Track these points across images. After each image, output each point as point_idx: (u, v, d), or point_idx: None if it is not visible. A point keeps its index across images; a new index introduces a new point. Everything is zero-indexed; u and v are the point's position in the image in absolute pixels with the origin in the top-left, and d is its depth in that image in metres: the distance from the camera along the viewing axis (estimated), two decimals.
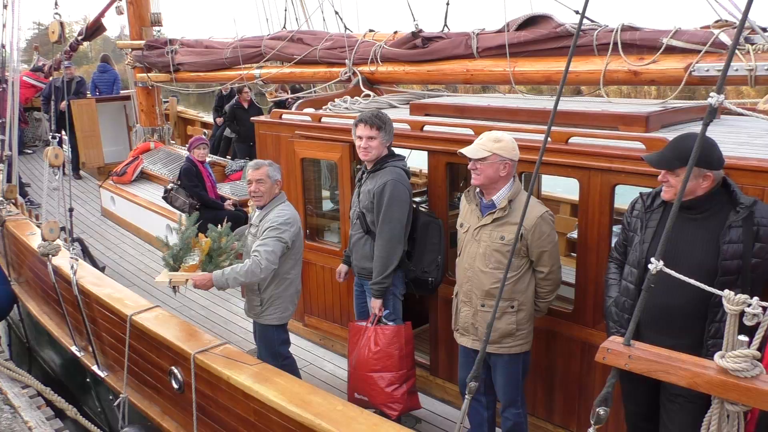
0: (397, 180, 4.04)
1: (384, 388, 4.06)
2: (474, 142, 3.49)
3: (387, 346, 4.07)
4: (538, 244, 3.42)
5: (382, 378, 4.06)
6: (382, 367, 4.06)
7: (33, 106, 12.88)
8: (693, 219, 2.81)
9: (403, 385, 4.11)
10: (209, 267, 4.17)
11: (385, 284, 4.08)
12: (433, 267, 4.20)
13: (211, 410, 3.98)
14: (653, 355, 1.92)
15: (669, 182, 2.83)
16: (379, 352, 4.07)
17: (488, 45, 5.11)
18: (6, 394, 4.98)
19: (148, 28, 9.49)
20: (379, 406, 4.09)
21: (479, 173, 3.43)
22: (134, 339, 4.56)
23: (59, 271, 5.42)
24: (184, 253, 4.17)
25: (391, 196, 4.00)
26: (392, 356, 4.07)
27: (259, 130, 5.73)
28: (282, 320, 4.30)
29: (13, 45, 7.96)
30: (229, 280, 4.01)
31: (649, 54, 4.19)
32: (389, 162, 4.12)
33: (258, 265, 3.96)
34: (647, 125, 3.74)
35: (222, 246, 4.24)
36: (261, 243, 4.03)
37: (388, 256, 4.04)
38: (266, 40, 7.34)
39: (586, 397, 3.83)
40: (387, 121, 4.13)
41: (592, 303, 3.71)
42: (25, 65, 14.14)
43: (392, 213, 4.01)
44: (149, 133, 10.09)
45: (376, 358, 4.07)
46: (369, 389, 4.12)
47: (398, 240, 4.05)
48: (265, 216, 4.17)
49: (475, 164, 3.42)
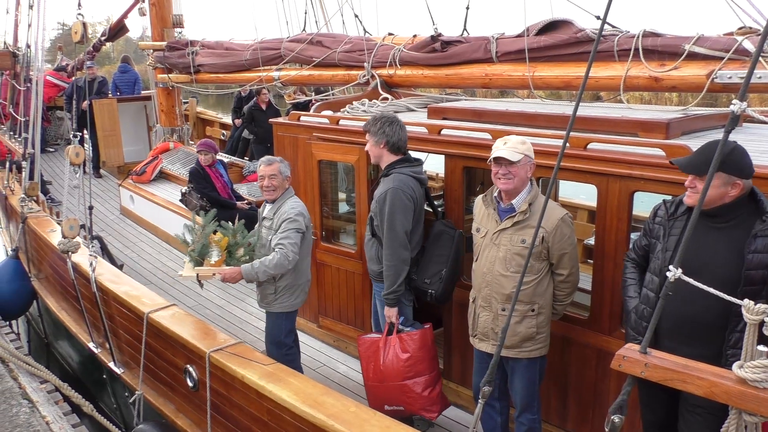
0: (397, 188, 4.03)
1: (421, 393, 4.06)
2: (497, 147, 3.43)
3: (417, 351, 4.08)
4: (559, 246, 3.41)
5: (416, 383, 4.07)
6: (416, 373, 4.07)
7: (56, 105, 13.07)
8: (717, 228, 2.77)
9: (436, 386, 4.15)
10: (232, 262, 4.31)
11: (399, 292, 4.10)
12: (436, 279, 4.09)
13: (225, 409, 4.00)
14: (670, 364, 1.90)
15: (696, 188, 2.77)
16: (411, 358, 4.07)
17: (507, 49, 5.10)
18: (25, 388, 5.04)
19: (170, 29, 9.60)
20: (418, 411, 4.09)
21: (512, 176, 3.38)
22: (150, 336, 4.60)
23: (78, 268, 5.49)
24: (206, 249, 4.29)
25: (391, 204, 4.01)
26: (423, 360, 4.09)
27: (277, 131, 5.77)
28: (293, 307, 4.44)
29: (38, 45, 8.09)
30: (259, 273, 4.19)
31: (671, 60, 4.16)
32: (396, 168, 4.13)
33: (286, 257, 4.16)
34: (667, 132, 3.71)
35: (238, 241, 4.35)
36: (283, 236, 4.20)
37: (397, 264, 4.05)
38: (286, 42, 7.39)
39: (601, 404, 3.80)
40: (376, 122, 4.14)
41: (608, 310, 3.68)
42: (49, 65, 14.37)
43: (393, 221, 4.02)
44: (169, 134, 10.20)
45: (408, 365, 4.07)
46: (404, 398, 4.10)
47: (403, 246, 4.06)
48: (279, 209, 4.34)
49: (509, 168, 3.37)
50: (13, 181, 8.62)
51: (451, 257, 4.11)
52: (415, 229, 4.17)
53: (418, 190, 4.17)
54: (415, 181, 4.15)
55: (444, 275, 4.08)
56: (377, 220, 4.16)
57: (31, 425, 4.51)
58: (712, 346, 2.74)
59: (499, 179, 3.43)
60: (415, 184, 4.14)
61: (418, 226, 4.23)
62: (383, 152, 4.16)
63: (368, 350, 4.22)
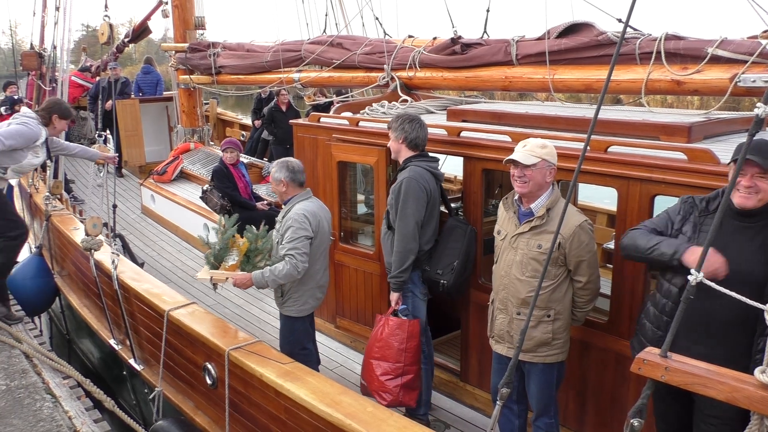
0: (411, 177, 4.17)
1: (378, 375, 4.18)
2: (516, 149, 3.44)
3: (389, 337, 4.21)
4: (576, 253, 3.38)
5: (379, 366, 4.20)
6: (381, 356, 4.20)
7: (79, 105, 13.27)
8: (746, 227, 2.72)
9: (398, 378, 4.19)
10: (247, 267, 4.34)
11: (402, 278, 4.21)
12: (448, 270, 4.22)
13: (243, 407, 4.04)
14: (691, 368, 1.88)
15: (756, 186, 2.66)
16: (382, 341, 4.23)
17: (528, 52, 5.09)
18: (48, 383, 5.13)
19: (192, 31, 9.71)
20: (372, 392, 4.20)
21: (528, 180, 3.38)
22: (170, 334, 4.66)
23: (100, 266, 5.58)
24: (224, 252, 4.33)
25: (405, 193, 4.15)
26: (391, 347, 4.19)
27: (297, 132, 5.81)
28: (300, 313, 4.46)
29: (64, 46, 8.24)
30: (269, 282, 4.26)
31: (693, 63, 4.12)
32: (412, 161, 4.27)
33: (295, 267, 4.21)
34: (689, 136, 3.68)
35: (258, 247, 4.37)
36: (292, 246, 4.21)
37: (403, 251, 4.17)
38: (306, 44, 7.44)
39: (620, 409, 3.78)
40: (398, 119, 4.32)
41: (628, 314, 3.65)
42: (73, 65, 14.59)
43: (406, 209, 4.15)
44: (189, 134, 10.32)
45: (378, 346, 4.24)
46: (367, 375, 4.27)
47: (412, 236, 4.16)
48: (287, 213, 4.40)
49: (524, 171, 3.37)
50: (38, 179, 8.77)
51: (462, 250, 4.22)
52: (428, 222, 4.25)
53: (433, 183, 4.28)
54: (430, 174, 4.26)
55: (456, 267, 4.20)
56: (392, 211, 4.28)
57: (54, 420, 4.59)
58: (729, 347, 2.70)
59: (516, 182, 3.43)
60: (431, 178, 4.25)
61: (432, 220, 4.29)
62: (401, 147, 4.32)
63: (374, 326, 4.41)
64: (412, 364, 4.22)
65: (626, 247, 3.05)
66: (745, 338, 2.68)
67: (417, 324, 4.27)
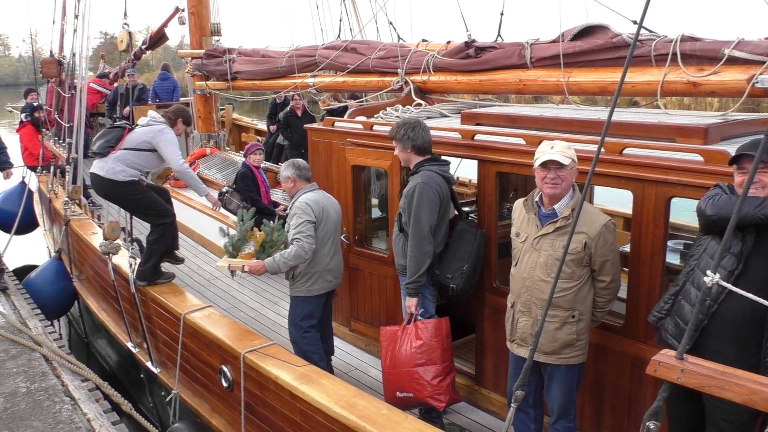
0: (424, 183, 4.21)
1: (430, 380, 4.15)
2: (543, 152, 3.40)
3: (430, 339, 4.19)
4: (602, 252, 3.38)
5: (427, 371, 4.16)
6: (427, 360, 4.17)
7: (98, 112, 13.45)
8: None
9: (447, 377, 4.20)
10: (262, 256, 4.64)
11: (420, 283, 4.24)
12: (458, 275, 4.23)
13: (259, 409, 4.07)
14: (707, 370, 1.87)
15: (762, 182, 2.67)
16: (423, 345, 4.18)
17: (542, 55, 5.07)
18: (67, 386, 5.19)
19: (208, 37, 9.81)
20: (426, 399, 4.16)
21: (560, 181, 3.37)
22: (187, 337, 4.71)
23: (118, 270, 5.65)
24: (241, 242, 4.63)
25: (419, 197, 4.19)
26: (435, 349, 4.18)
27: (311, 137, 5.84)
28: (309, 293, 4.72)
29: (82, 53, 8.36)
30: (281, 265, 4.56)
31: (710, 65, 4.09)
32: (424, 166, 4.31)
33: (302, 248, 4.53)
34: (706, 137, 3.64)
35: (274, 239, 4.68)
36: (297, 230, 4.56)
37: (419, 255, 4.20)
38: (321, 49, 7.49)
39: (636, 412, 3.74)
40: (399, 128, 4.36)
41: (644, 318, 3.62)
42: (92, 72, 14.80)
43: (420, 214, 4.18)
44: (205, 139, 10.41)
45: (420, 351, 4.19)
46: (414, 384, 4.19)
47: (427, 240, 4.19)
48: (293, 205, 4.76)
49: (557, 173, 3.36)
50: (57, 184, 8.90)
51: (472, 254, 4.24)
52: (440, 225, 4.28)
53: (445, 187, 4.31)
54: (441, 178, 4.29)
55: (465, 271, 4.21)
56: (405, 215, 4.31)
57: (73, 422, 4.65)
58: (742, 347, 2.69)
59: (547, 183, 3.40)
60: (442, 182, 4.29)
61: (443, 223, 4.31)
62: (411, 155, 4.37)
63: (388, 339, 4.36)
64: (452, 360, 4.30)
65: (719, 212, 2.79)
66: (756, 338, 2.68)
67: (449, 321, 4.33)
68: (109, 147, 5.45)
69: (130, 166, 5.43)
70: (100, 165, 5.45)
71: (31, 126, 11.40)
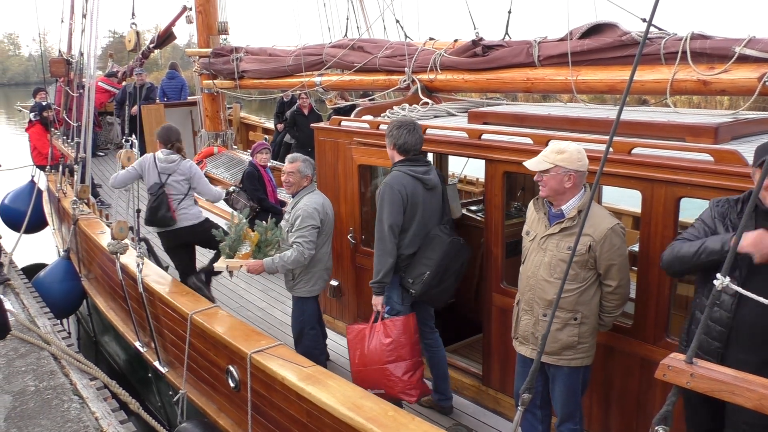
0: (387, 183, 4.21)
1: (401, 376, 4.16)
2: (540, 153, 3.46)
3: (399, 336, 4.20)
4: (607, 256, 3.33)
5: (398, 367, 4.17)
6: (397, 357, 4.18)
7: (106, 111, 13.51)
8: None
9: (416, 372, 4.21)
10: (258, 256, 4.76)
11: (384, 282, 4.24)
12: (418, 281, 4.17)
13: (266, 410, 4.07)
14: (717, 374, 1.84)
15: None
16: (392, 342, 4.20)
17: (550, 53, 5.04)
18: (75, 385, 5.22)
19: (216, 36, 9.82)
20: (398, 394, 4.19)
21: (544, 185, 3.40)
22: (194, 337, 4.71)
23: (126, 269, 5.66)
24: (237, 243, 4.74)
25: (381, 197, 4.21)
26: (405, 345, 4.20)
27: (318, 136, 5.83)
28: (311, 293, 4.80)
29: (91, 53, 8.39)
30: (279, 267, 4.66)
31: (720, 63, 4.04)
32: (396, 165, 4.30)
33: (302, 254, 4.59)
34: (716, 137, 3.60)
35: (268, 238, 4.79)
36: (300, 234, 4.60)
37: (380, 255, 4.20)
38: (327, 48, 7.48)
39: (645, 414, 3.71)
40: (389, 126, 4.35)
41: (653, 318, 3.59)
42: (100, 71, 14.86)
43: (381, 214, 4.19)
44: (213, 138, 10.42)
45: (390, 349, 4.20)
46: (386, 381, 4.21)
47: (387, 240, 4.17)
48: (296, 204, 4.74)
49: (541, 176, 3.40)
50: (66, 184, 8.94)
51: (436, 262, 4.16)
52: (409, 226, 4.22)
53: (415, 186, 4.21)
54: (411, 178, 4.21)
55: (426, 278, 4.15)
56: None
57: (82, 420, 4.67)
58: (763, 353, 2.65)
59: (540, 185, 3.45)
60: (410, 182, 4.19)
61: (413, 224, 4.23)
62: (394, 153, 4.36)
63: (355, 338, 4.33)
64: (420, 355, 4.30)
65: (670, 262, 2.96)
66: None
67: (414, 317, 4.31)
68: None
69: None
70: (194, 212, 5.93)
71: (40, 125, 11.47)
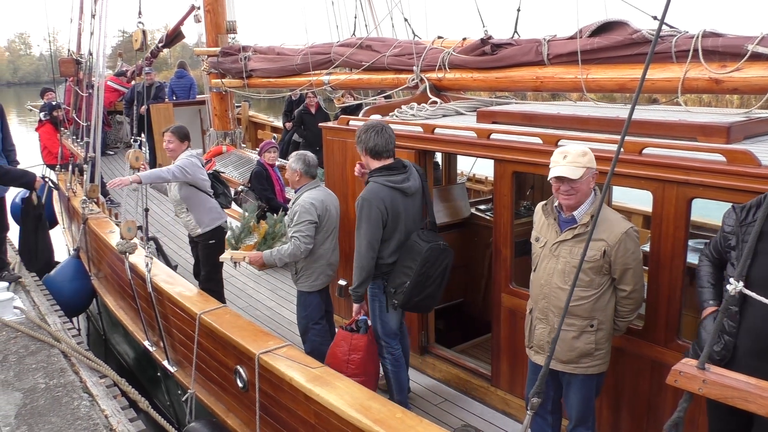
0: (365, 198, 4.15)
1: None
2: (555, 162, 3.29)
3: (334, 347, 4.38)
4: (622, 261, 3.27)
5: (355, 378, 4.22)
6: (329, 363, 4.25)
7: (115, 110, 13.56)
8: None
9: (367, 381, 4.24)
10: (263, 248, 4.88)
11: (359, 292, 4.29)
12: (400, 290, 4.15)
13: (274, 410, 4.06)
14: (730, 381, 1.81)
15: None
16: (330, 349, 4.44)
17: (559, 52, 5.00)
18: (85, 382, 5.23)
19: (224, 35, 9.84)
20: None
21: (574, 193, 3.26)
22: (202, 337, 4.72)
23: (135, 269, 5.67)
24: (244, 235, 4.89)
25: (359, 213, 4.19)
26: (336, 357, 4.33)
27: (326, 135, 5.82)
28: (312, 288, 4.82)
29: (100, 52, 8.41)
30: (276, 260, 4.74)
31: (732, 61, 3.99)
32: (374, 175, 4.23)
33: (298, 248, 4.65)
34: (728, 136, 3.56)
35: (276, 231, 4.94)
36: (297, 228, 4.65)
37: (358, 269, 4.24)
38: (336, 46, 7.46)
39: (656, 418, 3.68)
40: (358, 130, 4.28)
41: (664, 321, 3.56)
42: (110, 71, 14.93)
43: (359, 229, 4.20)
44: (222, 137, 10.45)
45: (328, 354, 4.43)
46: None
47: (364, 256, 4.18)
48: (297, 200, 4.80)
49: (570, 185, 3.25)
50: (75, 183, 8.98)
51: (416, 271, 4.10)
52: (391, 236, 4.20)
53: (394, 197, 4.14)
54: (389, 189, 4.14)
55: (407, 288, 4.12)
56: None
57: (91, 418, 4.69)
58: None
59: (561, 195, 3.31)
60: (389, 193, 4.13)
61: (395, 233, 4.20)
62: (368, 159, 4.28)
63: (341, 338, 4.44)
64: (356, 375, 4.17)
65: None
66: None
67: (362, 338, 4.30)
68: None
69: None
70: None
71: (50, 125, 11.52)
